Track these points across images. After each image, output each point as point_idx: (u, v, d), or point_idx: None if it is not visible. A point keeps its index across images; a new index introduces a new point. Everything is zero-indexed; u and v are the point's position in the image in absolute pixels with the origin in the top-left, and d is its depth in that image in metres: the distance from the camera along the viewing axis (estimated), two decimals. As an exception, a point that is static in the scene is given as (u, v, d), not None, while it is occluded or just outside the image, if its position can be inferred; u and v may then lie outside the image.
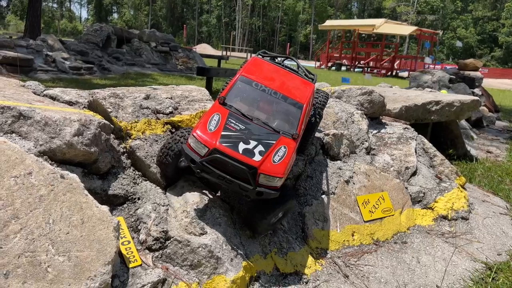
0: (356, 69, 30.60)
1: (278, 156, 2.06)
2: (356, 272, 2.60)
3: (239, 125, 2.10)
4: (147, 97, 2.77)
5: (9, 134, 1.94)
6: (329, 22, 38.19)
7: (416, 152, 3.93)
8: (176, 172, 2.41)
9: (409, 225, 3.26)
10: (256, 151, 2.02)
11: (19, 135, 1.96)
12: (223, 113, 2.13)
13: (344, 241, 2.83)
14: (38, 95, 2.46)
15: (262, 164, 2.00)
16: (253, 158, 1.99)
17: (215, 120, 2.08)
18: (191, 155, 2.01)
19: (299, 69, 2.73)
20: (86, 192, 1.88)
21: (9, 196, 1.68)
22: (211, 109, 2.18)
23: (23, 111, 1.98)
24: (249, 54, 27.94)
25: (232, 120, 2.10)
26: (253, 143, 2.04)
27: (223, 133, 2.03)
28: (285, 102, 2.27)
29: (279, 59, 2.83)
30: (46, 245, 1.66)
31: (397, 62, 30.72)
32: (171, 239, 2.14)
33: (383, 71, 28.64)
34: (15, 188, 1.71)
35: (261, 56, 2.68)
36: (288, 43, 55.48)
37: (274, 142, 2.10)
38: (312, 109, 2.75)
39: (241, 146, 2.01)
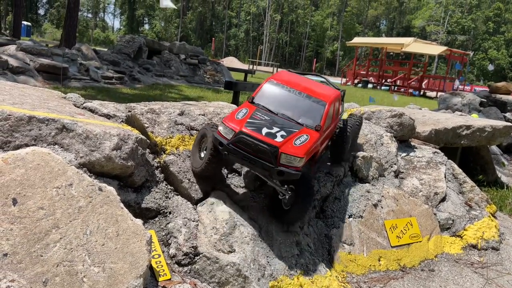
0: (382, 87, 30.29)
1: (300, 140, 2.22)
2: (382, 299, 2.56)
3: (265, 116, 2.32)
4: (181, 113, 2.84)
5: (52, 146, 2.02)
6: (357, 39, 38.06)
7: (445, 177, 3.87)
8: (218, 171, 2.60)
9: (437, 252, 3.20)
10: (279, 134, 2.20)
11: (61, 147, 2.04)
12: (251, 108, 2.37)
13: (370, 265, 2.80)
14: (78, 107, 2.56)
15: (284, 145, 2.15)
16: (275, 139, 2.16)
17: (243, 112, 2.32)
18: (220, 139, 2.22)
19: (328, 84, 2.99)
20: (122, 205, 1.93)
21: (51, 206, 1.75)
22: (240, 106, 2.43)
23: (66, 124, 2.07)
24: (275, 69, 28.08)
25: (258, 113, 2.33)
26: (276, 129, 2.23)
27: (249, 120, 2.25)
28: (309, 100, 2.48)
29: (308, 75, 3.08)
30: (83, 255, 1.72)
31: (425, 81, 30.25)
32: (200, 255, 2.18)
33: (410, 90, 28.24)
34: (56, 198, 1.79)
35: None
36: (315, 59, 55.58)
37: (296, 130, 2.28)
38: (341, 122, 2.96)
39: (264, 130, 2.20)
